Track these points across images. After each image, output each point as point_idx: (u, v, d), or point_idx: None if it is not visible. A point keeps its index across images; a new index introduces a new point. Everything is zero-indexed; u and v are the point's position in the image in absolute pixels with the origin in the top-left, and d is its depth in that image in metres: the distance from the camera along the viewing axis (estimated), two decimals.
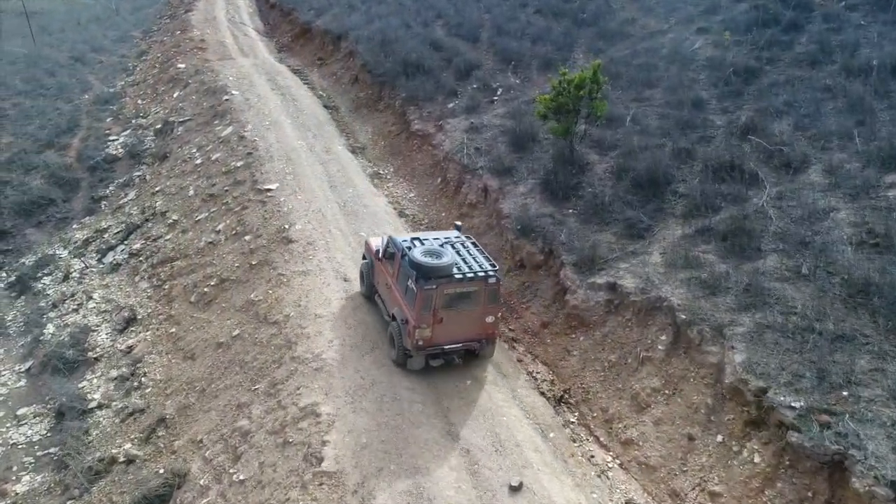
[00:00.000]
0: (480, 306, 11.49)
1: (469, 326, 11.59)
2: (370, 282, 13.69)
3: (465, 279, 11.20)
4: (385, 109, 25.41)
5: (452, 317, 11.35)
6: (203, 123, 25.79)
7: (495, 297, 11.61)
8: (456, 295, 11.26)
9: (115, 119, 29.72)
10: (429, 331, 11.25)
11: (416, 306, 11.09)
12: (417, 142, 22.37)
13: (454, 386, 11.70)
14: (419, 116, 23.00)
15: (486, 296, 11.44)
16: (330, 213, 17.91)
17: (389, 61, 26.32)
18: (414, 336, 11.25)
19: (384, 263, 12.80)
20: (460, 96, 22.88)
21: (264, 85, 28.12)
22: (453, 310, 11.31)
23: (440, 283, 11.04)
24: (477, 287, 11.31)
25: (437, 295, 11.06)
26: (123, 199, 23.66)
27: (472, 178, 18.54)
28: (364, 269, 13.95)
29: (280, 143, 22.16)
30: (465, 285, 11.22)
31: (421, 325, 11.17)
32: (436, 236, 12.78)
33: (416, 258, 11.25)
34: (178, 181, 22.61)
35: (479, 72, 23.81)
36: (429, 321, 11.17)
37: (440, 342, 11.50)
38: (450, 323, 11.36)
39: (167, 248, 19.23)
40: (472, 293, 11.36)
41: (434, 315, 11.18)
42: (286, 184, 19.33)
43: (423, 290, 10.98)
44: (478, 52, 25.36)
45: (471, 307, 11.44)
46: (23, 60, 40.39)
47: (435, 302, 11.11)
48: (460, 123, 21.26)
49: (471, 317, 11.51)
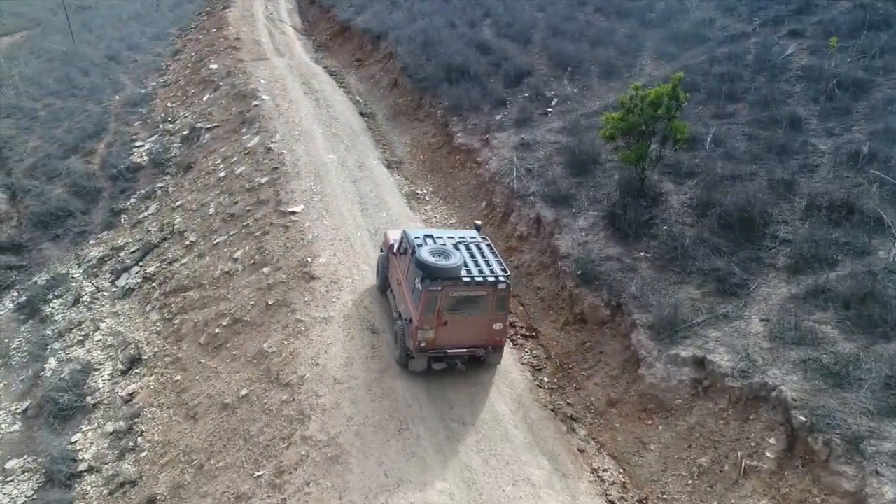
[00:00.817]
0: (488, 312, 10.88)
1: (475, 332, 11.01)
2: (385, 275, 13.27)
3: (472, 283, 10.62)
4: (425, 119, 23.11)
5: (458, 321, 10.79)
6: (230, 131, 23.98)
7: (504, 305, 10.96)
8: (462, 298, 10.68)
9: (142, 123, 28.25)
10: (432, 333, 10.72)
11: (420, 307, 10.58)
12: (460, 158, 20.00)
13: (501, 491, 9.31)
14: (463, 128, 20.62)
15: (494, 302, 10.81)
16: (359, 242, 15.73)
17: (431, 65, 23.99)
18: (416, 337, 10.73)
19: (398, 258, 12.33)
20: (509, 107, 20.39)
21: (297, 89, 26.17)
22: (459, 314, 10.76)
23: (446, 285, 10.49)
24: (485, 292, 10.70)
25: (442, 297, 10.51)
26: (144, 212, 22.04)
27: (523, 205, 16.08)
28: (380, 262, 13.56)
29: (309, 156, 20.11)
30: (473, 289, 10.64)
31: (424, 327, 10.64)
32: (451, 235, 12.12)
33: (422, 257, 10.63)
34: (200, 196, 20.82)
35: (530, 79, 21.25)
36: (432, 323, 10.65)
37: (444, 346, 10.97)
38: (455, 327, 10.80)
39: (182, 274, 17.40)
40: (480, 298, 10.75)
41: (438, 318, 10.66)
42: (313, 206, 17.25)
43: (427, 291, 10.45)
44: (530, 56, 22.77)
45: (478, 313, 10.84)
46: (60, 58, 39.62)
47: (440, 304, 10.56)
48: (509, 139, 18.79)
49: (477, 322, 10.91)
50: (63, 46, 42.21)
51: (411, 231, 12.11)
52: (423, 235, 11.78)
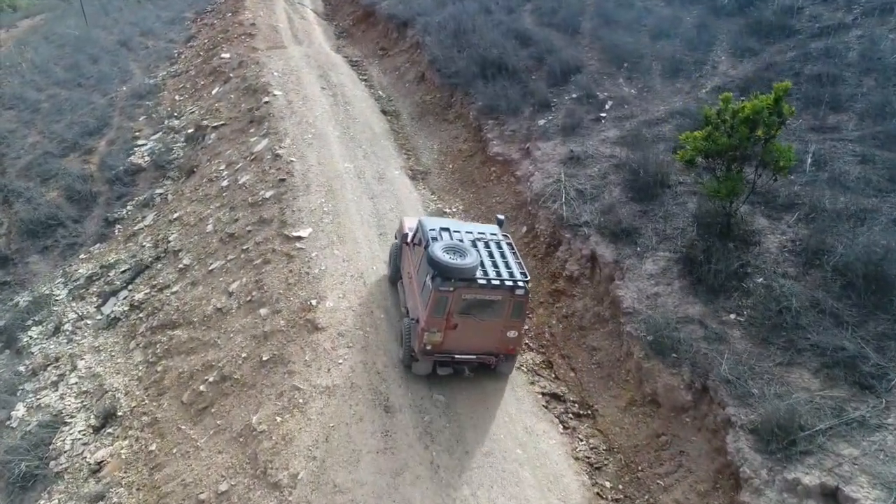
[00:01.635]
0: (502, 318, 9.97)
1: (487, 338, 10.11)
2: (397, 265, 12.35)
3: (488, 286, 9.70)
4: (456, 120, 20.25)
5: (469, 325, 9.91)
6: (237, 131, 21.46)
7: (521, 311, 10.05)
8: (475, 302, 9.80)
9: (147, 118, 25.91)
10: (439, 336, 9.90)
11: (429, 307, 9.71)
12: (496, 170, 17.16)
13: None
14: (499, 135, 17.74)
15: (510, 308, 9.90)
16: (374, 278, 13.11)
17: (463, 57, 21.04)
18: (422, 340, 9.95)
19: (411, 249, 11.41)
20: (555, 110, 17.41)
21: (314, 83, 23.47)
22: (471, 317, 9.90)
23: (459, 286, 9.64)
24: (501, 297, 9.80)
25: (453, 299, 9.66)
26: (140, 223, 19.73)
27: (573, 237, 13.23)
28: (393, 251, 12.64)
29: (322, 165, 17.48)
30: (488, 293, 9.74)
31: (431, 329, 9.83)
32: (470, 229, 11.08)
33: (435, 254, 9.70)
34: (200, 208, 18.38)
35: (579, 76, 18.20)
36: (441, 326, 9.83)
37: (451, 350, 10.14)
38: (465, 331, 9.94)
39: (171, 305, 15.01)
40: (496, 303, 9.84)
41: (448, 320, 9.83)
42: (322, 229, 14.65)
43: (438, 291, 9.60)
44: (578, 49, 19.67)
45: (491, 318, 9.95)
46: (72, 43, 37.54)
47: (450, 306, 9.72)
48: (555, 150, 15.87)
49: (490, 328, 10.01)
50: (76, 31, 40.14)
51: (427, 221, 11.19)
52: (440, 228, 10.80)
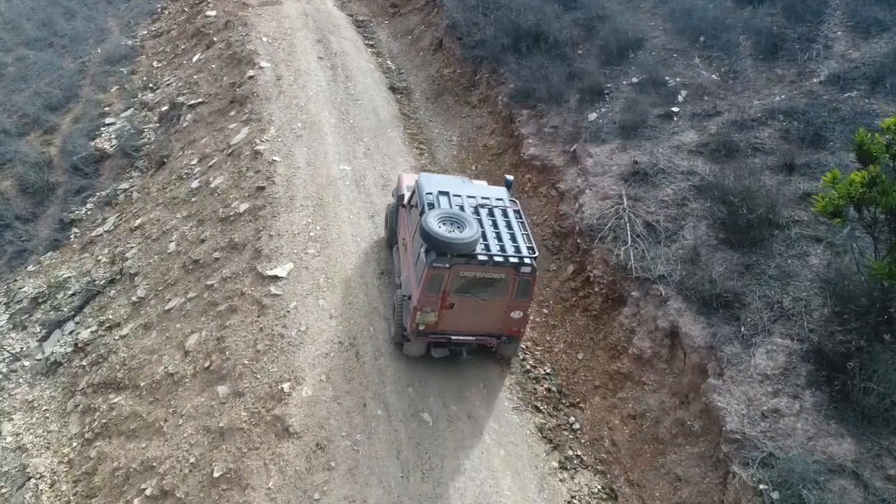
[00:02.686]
0: (506, 298, 8.74)
1: (487, 319, 8.93)
2: (394, 228, 11.14)
3: (490, 263, 8.47)
4: (480, 105, 16.36)
5: (468, 304, 8.71)
6: (217, 112, 17.80)
7: (528, 291, 8.78)
8: (475, 280, 8.59)
9: (120, 89, 22.23)
10: (434, 316, 8.71)
11: (422, 284, 8.50)
12: (532, 178, 13.45)
13: None
14: (536, 130, 13.91)
15: (515, 286, 8.66)
16: (373, 349, 9.73)
17: (490, 22, 16.97)
18: (414, 319, 8.73)
19: (408, 212, 10.21)
20: (610, 99, 13.49)
21: (310, 50, 19.55)
22: (470, 296, 8.68)
23: (456, 262, 8.43)
24: (505, 274, 8.56)
25: (449, 276, 8.47)
26: (99, 227, 16.41)
27: (643, 297, 9.65)
28: (389, 212, 11.55)
29: (312, 167, 13.89)
30: (490, 270, 8.51)
31: (424, 309, 8.61)
32: (473, 193, 9.78)
33: (429, 226, 8.44)
34: (165, 215, 14.98)
35: (641, 53, 14.17)
36: (435, 305, 8.64)
37: (447, 331, 8.95)
38: (463, 311, 8.76)
39: (118, 356, 11.85)
40: (498, 281, 8.61)
41: (443, 299, 8.63)
42: (305, 265, 11.24)
43: (432, 268, 8.38)
44: (638, 15, 15.49)
45: (493, 297, 8.73)
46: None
47: (446, 284, 8.53)
48: (612, 158, 12.09)
49: (491, 308, 8.81)
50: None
51: (426, 181, 9.89)
52: (438, 192, 9.52)
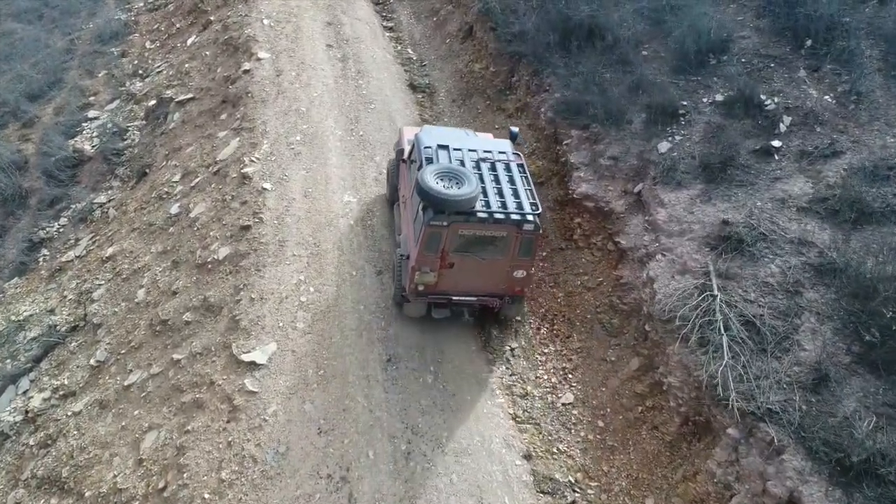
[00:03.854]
0: (508, 257, 8.38)
1: (489, 278, 8.53)
2: (395, 184, 10.40)
3: (490, 220, 8.11)
4: (518, 114, 13.43)
5: (468, 264, 8.36)
6: (206, 113, 15.20)
7: (530, 249, 8.42)
8: (475, 238, 8.22)
9: (108, 75, 19.65)
10: (433, 276, 8.36)
11: (420, 243, 8.16)
12: (582, 223, 10.64)
13: None
14: (589, 158, 11.03)
15: (517, 245, 8.29)
16: (370, 490, 7.28)
17: (532, 8, 13.89)
18: (413, 279, 8.39)
19: (408, 168, 9.55)
20: (687, 123, 10.51)
21: (318, 36, 16.66)
22: (470, 255, 8.33)
23: (455, 220, 8.03)
24: (506, 232, 8.19)
25: (447, 235, 8.12)
26: (70, 251, 14.16)
27: (744, 440, 6.96)
28: (390, 167, 10.82)
29: (310, 198, 11.31)
30: (490, 228, 8.16)
31: (422, 269, 8.29)
32: (474, 146, 9.20)
33: (425, 182, 8.00)
34: (139, 246, 12.60)
35: (727, 59, 11.07)
36: (434, 265, 8.29)
37: (447, 291, 8.59)
38: (463, 270, 8.39)
39: (68, 441, 9.72)
40: (499, 239, 8.24)
41: (442, 258, 8.28)
42: (292, 346, 8.83)
43: (429, 226, 8.02)
44: (721, 9, 12.24)
45: (494, 256, 8.37)
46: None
47: (444, 243, 8.17)
48: (694, 210, 9.23)
49: (493, 267, 8.45)
50: None
51: (425, 134, 9.35)
52: (437, 146, 8.96)
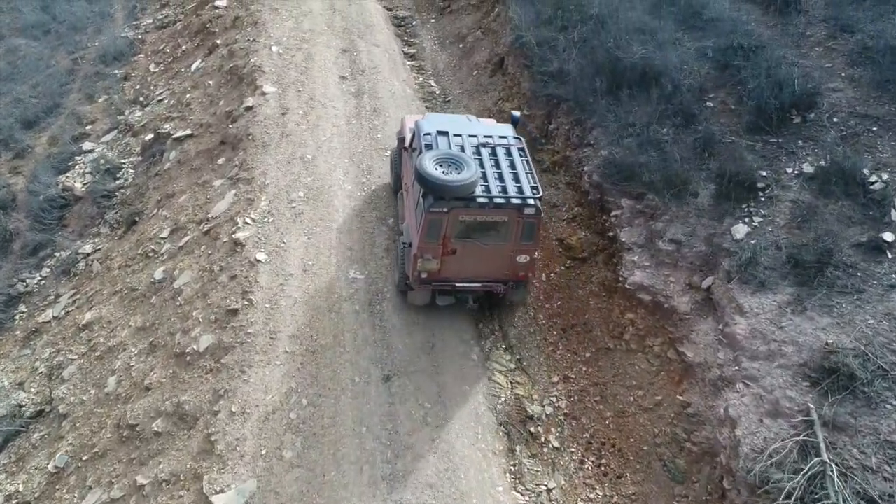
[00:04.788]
0: (510, 241, 8.36)
1: (492, 264, 8.51)
2: (398, 173, 10.52)
3: (490, 205, 8.07)
4: (556, 168, 11.57)
5: (471, 250, 8.35)
6: (204, 154, 13.62)
7: (533, 233, 8.35)
8: (476, 223, 8.21)
9: (107, 101, 18.22)
10: (435, 263, 8.34)
11: (421, 231, 8.16)
12: (635, 319, 8.79)
13: None
14: (644, 239, 9.14)
15: (519, 229, 8.25)
16: None
17: (574, 47, 11.99)
18: (415, 266, 8.37)
19: (410, 156, 9.44)
20: (768, 200, 8.55)
21: (331, 65, 14.97)
22: (472, 241, 8.31)
23: (454, 206, 8.00)
24: (507, 217, 8.16)
25: (448, 221, 8.09)
26: (48, 310, 12.69)
27: None
28: (393, 156, 10.95)
29: (309, 274, 9.64)
30: (491, 213, 8.13)
31: (425, 256, 8.26)
32: (474, 132, 9.12)
33: (424, 168, 7.97)
34: (118, 317, 11.05)
35: (815, 118, 9.06)
36: (436, 252, 8.27)
37: (450, 278, 8.56)
38: (466, 257, 8.38)
39: None
40: (501, 224, 8.21)
41: (444, 245, 8.27)
42: (275, 488, 7.09)
43: (429, 213, 8.00)
44: (804, 48, 10.21)
45: (497, 241, 8.35)
46: None
47: (446, 230, 8.16)
48: (783, 324, 7.28)
49: (496, 253, 8.43)
50: None
51: (425, 122, 9.32)
52: (437, 132, 8.91)
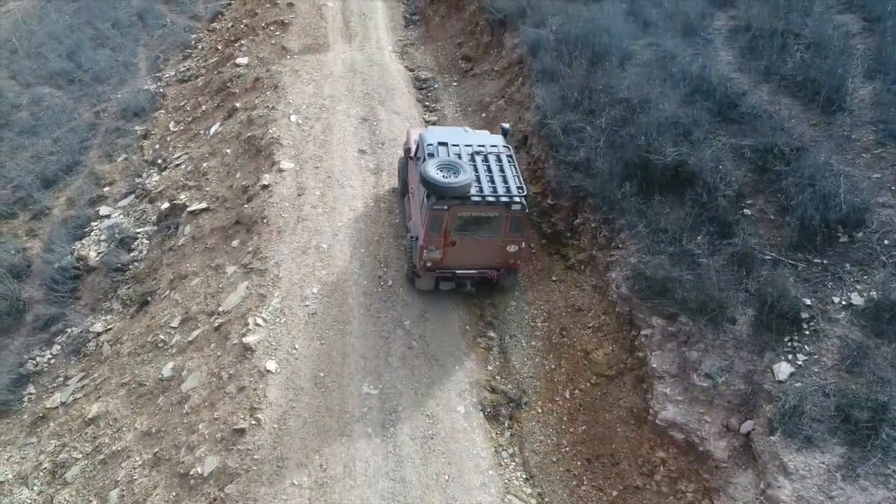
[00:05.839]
0: (501, 234, 10.12)
1: (486, 254, 10.33)
2: (404, 179, 12.42)
3: (483, 203, 9.81)
4: (582, 267, 11.03)
5: (467, 242, 10.15)
6: (219, 233, 13.31)
7: (520, 226, 10.14)
8: (472, 219, 9.97)
9: (126, 161, 18.12)
10: (438, 253, 10.14)
11: (426, 226, 9.91)
12: (665, 458, 8.19)
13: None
14: (678, 368, 8.57)
15: (508, 223, 10.02)
16: None
17: (602, 135, 11.50)
18: (422, 257, 10.18)
19: (415, 164, 11.15)
20: (813, 334, 7.88)
21: (349, 138, 14.66)
22: (468, 234, 10.10)
23: (453, 204, 9.74)
24: (497, 213, 9.92)
25: (448, 217, 9.85)
26: (56, 394, 12.38)
27: None
28: (400, 165, 12.87)
29: (321, 388, 9.27)
30: (483, 209, 9.87)
31: (430, 247, 10.05)
32: (469, 142, 10.96)
33: (427, 173, 9.76)
34: (124, 415, 10.69)
35: (864, 237, 8.43)
36: (438, 244, 10.06)
37: (451, 266, 10.41)
38: (464, 248, 10.18)
39: None
40: (492, 219, 9.99)
41: (445, 237, 10.03)
42: None
43: (432, 210, 9.75)
44: (848, 150, 9.55)
45: (489, 234, 10.14)
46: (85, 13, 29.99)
47: (446, 224, 9.91)
48: (832, 493, 6.60)
49: (489, 244, 10.23)
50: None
51: (428, 134, 11.12)
52: (437, 143, 10.74)
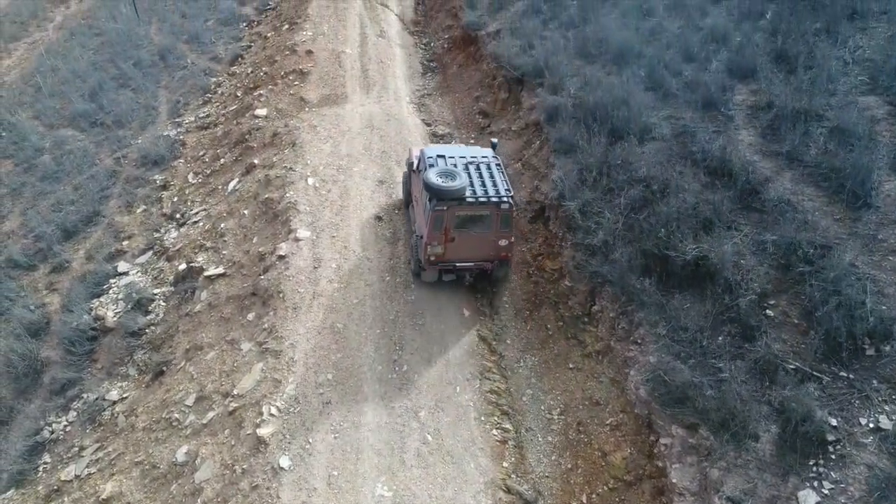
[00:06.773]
0: (493, 230, 11.63)
1: (481, 248, 11.83)
2: (408, 190, 13.90)
3: (476, 203, 11.37)
4: (599, 357, 10.85)
5: (464, 237, 11.62)
6: (234, 302, 13.32)
7: (509, 222, 11.63)
8: (467, 217, 11.47)
9: (145, 213, 18.29)
10: (440, 248, 11.60)
11: (429, 225, 11.37)
12: None
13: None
14: (699, 485, 8.50)
15: (498, 220, 11.54)
16: None
17: (621, 218, 11.38)
18: (426, 252, 11.65)
19: (417, 176, 12.72)
20: (840, 460, 7.67)
21: (366, 203, 14.65)
22: (465, 231, 11.57)
23: (451, 205, 11.25)
24: (489, 211, 11.45)
25: (447, 216, 11.33)
26: (71, 465, 12.40)
27: None
28: (404, 178, 14.27)
29: (334, 489, 9.14)
30: (477, 209, 11.40)
31: (433, 243, 11.54)
32: (464, 154, 12.65)
33: (429, 179, 11.29)
34: (138, 498, 10.60)
35: (892, 354, 8.15)
36: (440, 240, 11.50)
37: (452, 260, 11.85)
38: (462, 243, 11.65)
39: None
40: (485, 217, 11.51)
41: (445, 234, 11.47)
42: None
43: (434, 211, 11.24)
44: (878, 261, 9.34)
45: (483, 230, 11.61)
46: (109, 44, 30.43)
47: (446, 222, 11.38)
48: None
49: (483, 239, 11.71)
50: (121, 25, 32.96)
51: (428, 149, 12.65)
52: (436, 156, 12.29)
